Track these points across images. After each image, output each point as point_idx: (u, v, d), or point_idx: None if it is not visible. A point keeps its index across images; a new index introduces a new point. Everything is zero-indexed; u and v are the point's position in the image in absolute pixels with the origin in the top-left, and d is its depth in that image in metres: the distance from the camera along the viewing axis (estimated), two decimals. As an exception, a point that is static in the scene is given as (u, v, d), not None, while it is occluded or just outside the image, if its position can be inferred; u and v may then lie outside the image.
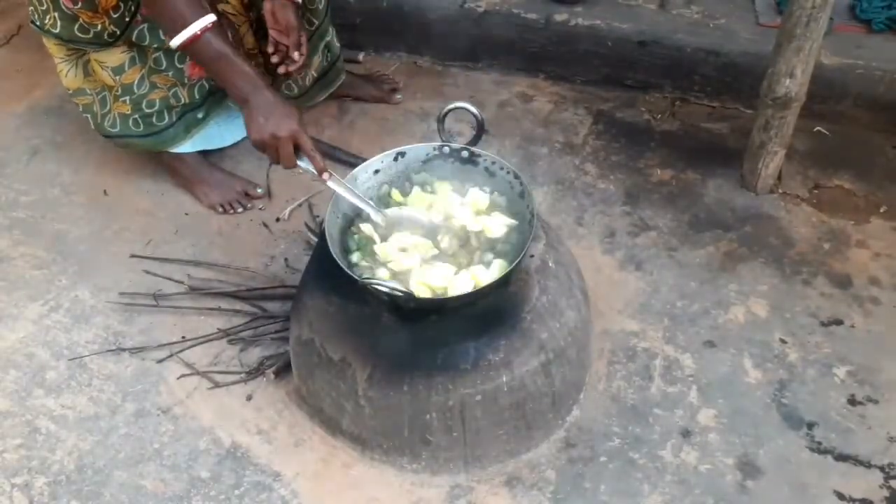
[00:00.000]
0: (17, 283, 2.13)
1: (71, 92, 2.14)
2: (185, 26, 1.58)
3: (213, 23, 1.61)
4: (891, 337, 1.91)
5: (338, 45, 2.40)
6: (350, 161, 2.33)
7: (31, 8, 1.94)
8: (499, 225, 1.66)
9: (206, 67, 1.65)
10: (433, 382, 1.58)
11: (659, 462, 1.72)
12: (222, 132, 2.34)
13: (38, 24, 1.95)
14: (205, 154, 2.32)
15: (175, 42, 1.60)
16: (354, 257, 1.64)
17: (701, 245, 2.13)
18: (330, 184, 1.62)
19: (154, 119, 2.13)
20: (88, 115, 2.17)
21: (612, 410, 1.80)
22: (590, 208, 2.25)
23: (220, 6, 1.99)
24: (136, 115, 2.11)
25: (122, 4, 1.86)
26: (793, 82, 2.01)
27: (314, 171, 1.63)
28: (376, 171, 1.76)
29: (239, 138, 2.40)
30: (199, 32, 1.58)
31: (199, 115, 2.20)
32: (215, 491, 1.71)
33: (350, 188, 1.65)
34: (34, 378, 1.93)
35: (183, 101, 2.13)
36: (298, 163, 1.63)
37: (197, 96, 2.15)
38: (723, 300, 2.00)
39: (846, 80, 2.36)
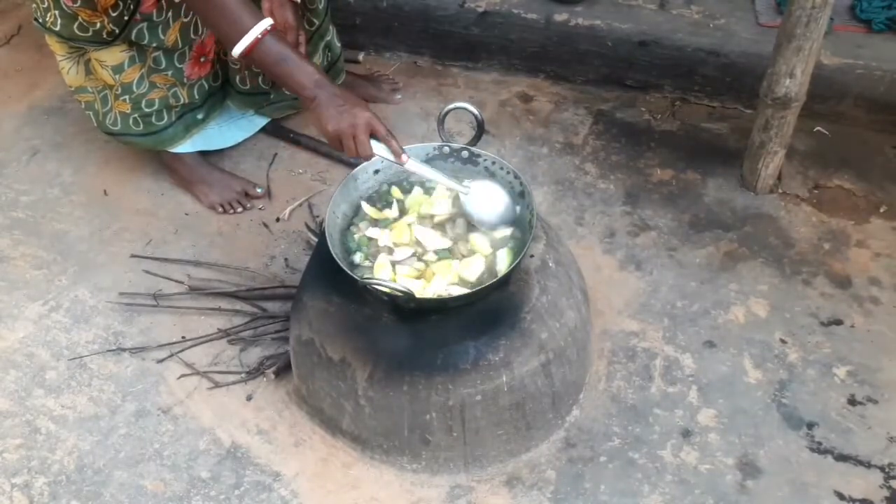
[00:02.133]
0: (17, 283, 2.13)
1: (73, 89, 2.14)
2: (244, 33, 1.57)
3: (272, 26, 1.60)
4: (891, 337, 1.91)
5: (338, 44, 2.40)
6: (350, 161, 2.33)
7: (34, 6, 1.95)
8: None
9: (269, 71, 1.64)
10: (433, 382, 1.58)
11: (659, 462, 1.72)
12: (222, 133, 2.34)
13: (39, 21, 1.96)
14: (204, 154, 2.32)
15: (237, 50, 1.59)
16: (355, 258, 1.64)
17: (701, 245, 2.13)
18: (408, 166, 1.62)
19: (153, 118, 2.13)
20: (91, 113, 2.17)
21: (612, 410, 1.80)
22: (590, 208, 2.25)
23: None
24: (136, 115, 2.11)
25: (120, 3, 1.86)
26: (793, 82, 2.01)
27: (391, 156, 1.62)
28: (376, 171, 1.76)
29: (239, 139, 2.40)
30: (259, 37, 1.58)
31: (199, 116, 2.20)
32: (215, 491, 1.71)
33: (430, 168, 1.64)
34: (34, 378, 1.93)
35: (182, 101, 2.13)
36: (375, 149, 1.62)
37: (196, 96, 2.15)
38: (723, 300, 2.00)
39: (846, 81, 2.35)
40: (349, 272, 1.55)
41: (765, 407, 1.80)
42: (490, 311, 1.61)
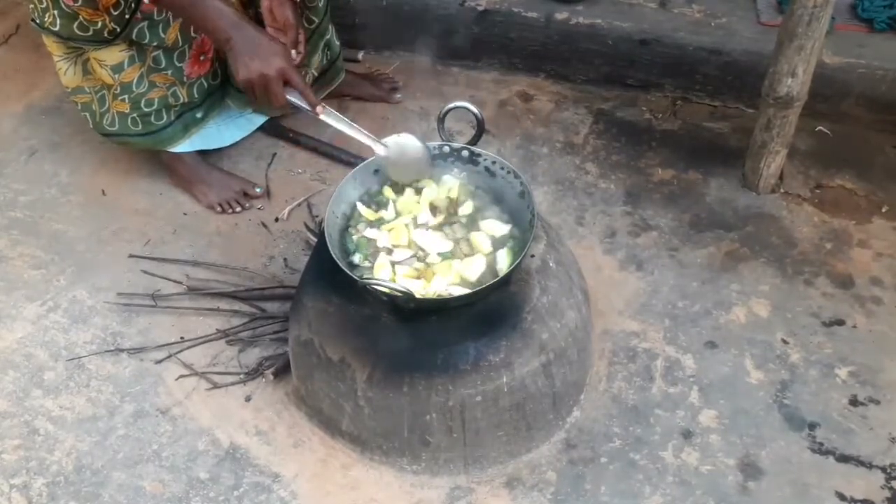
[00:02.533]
0: (15, 284, 2.13)
1: (70, 90, 2.13)
2: None
3: None
4: (893, 337, 1.91)
5: (338, 43, 2.39)
6: (350, 161, 2.32)
7: (31, 6, 1.94)
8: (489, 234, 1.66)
9: (183, 14, 1.60)
10: (433, 383, 1.57)
11: (660, 463, 1.71)
12: (221, 132, 2.33)
13: (37, 21, 1.95)
14: (203, 154, 2.31)
15: None
16: (354, 258, 1.64)
17: (702, 245, 2.13)
18: (323, 117, 1.58)
19: (152, 118, 2.12)
20: (87, 114, 2.16)
21: (613, 411, 1.80)
22: (590, 208, 2.24)
23: None
24: (135, 114, 2.10)
25: (122, 1, 1.85)
26: (794, 81, 2.01)
27: (307, 106, 1.58)
28: (376, 171, 1.75)
29: (238, 138, 2.39)
30: None
31: (198, 115, 2.19)
32: (214, 492, 1.71)
33: (346, 121, 1.60)
34: (32, 379, 1.92)
35: (182, 100, 2.12)
36: (289, 98, 1.57)
37: (196, 95, 2.14)
38: (724, 300, 2.00)
39: (848, 80, 2.35)
40: (348, 272, 1.54)
41: (766, 407, 1.79)
42: (490, 311, 1.60)
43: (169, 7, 1.61)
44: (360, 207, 1.71)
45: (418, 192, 1.73)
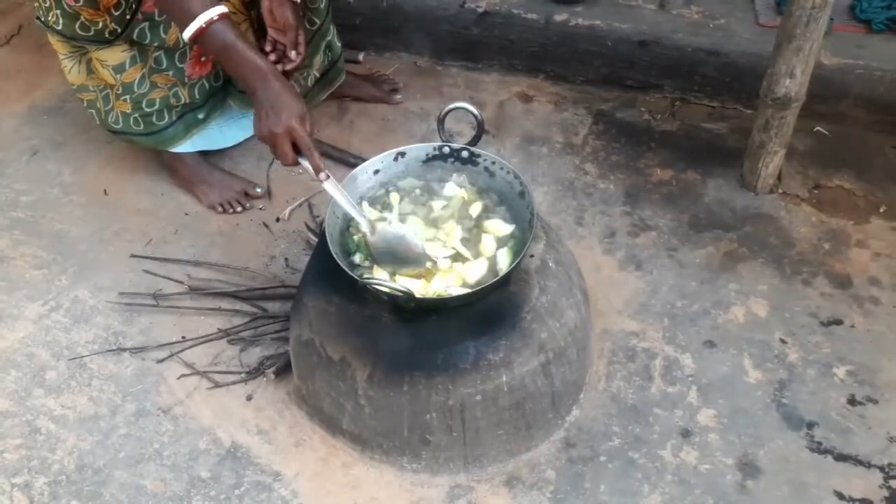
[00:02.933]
0: (17, 283, 2.13)
1: (75, 88, 2.14)
2: (193, 18, 1.59)
3: (222, 14, 1.61)
4: (891, 337, 1.91)
5: (339, 44, 2.40)
6: (350, 161, 2.33)
7: (36, 4, 1.95)
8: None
9: (217, 59, 1.66)
10: (433, 382, 1.58)
11: (659, 462, 1.72)
12: (223, 132, 2.34)
13: (42, 20, 1.96)
14: (204, 154, 2.32)
15: (186, 34, 1.61)
16: (355, 258, 1.64)
17: (701, 245, 2.13)
18: (325, 185, 1.61)
19: (154, 118, 2.13)
20: (93, 111, 2.17)
21: (612, 410, 1.80)
22: (590, 208, 2.25)
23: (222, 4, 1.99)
24: (137, 114, 2.11)
25: (122, 2, 1.86)
26: (793, 82, 2.01)
27: (312, 170, 1.61)
28: (376, 171, 1.76)
29: (240, 139, 2.40)
30: (205, 25, 1.59)
31: (200, 116, 2.20)
32: (215, 491, 1.71)
33: (345, 194, 1.62)
34: (34, 378, 1.93)
35: (183, 100, 2.13)
36: (300, 160, 1.61)
37: (197, 96, 2.15)
38: (723, 300, 2.00)
39: (846, 81, 2.35)
40: (349, 272, 1.55)
41: (764, 407, 1.80)
42: (490, 311, 1.61)
43: (207, 49, 1.65)
44: (366, 206, 1.72)
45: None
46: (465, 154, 1.75)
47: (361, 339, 1.62)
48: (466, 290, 1.55)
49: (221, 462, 1.76)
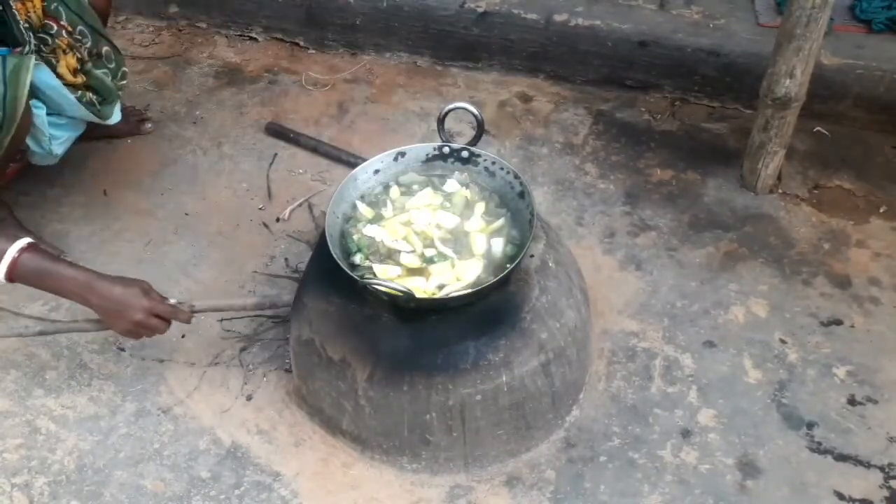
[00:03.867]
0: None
1: None
2: (1, 257, 1.60)
3: (28, 244, 1.63)
4: (890, 337, 1.91)
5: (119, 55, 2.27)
6: (350, 161, 2.33)
7: None
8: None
9: (40, 287, 1.67)
10: (433, 382, 1.58)
11: (659, 462, 1.72)
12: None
13: None
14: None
15: None
16: (355, 258, 1.64)
17: (701, 245, 2.14)
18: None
19: None
20: None
21: (612, 410, 1.80)
22: (590, 208, 2.25)
23: None
24: None
25: None
26: (792, 82, 2.01)
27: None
28: (376, 171, 1.76)
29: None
30: (16, 256, 1.61)
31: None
32: (215, 491, 1.71)
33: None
34: (34, 378, 1.93)
35: None
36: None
37: None
38: (723, 300, 2.00)
39: (846, 81, 2.36)
40: (349, 272, 1.55)
41: (764, 407, 1.80)
42: (490, 311, 1.61)
43: (26, 283, 1.67)
44: (361, 207, 1.72)
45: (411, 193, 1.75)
46: (465, 154, 1.75)
47: (361, 339, 1.62)
48: (466, 290, 1.55)
49: (221, 462, 1.76)
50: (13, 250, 1.61)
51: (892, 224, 2.16)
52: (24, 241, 1.63)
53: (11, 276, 1.62)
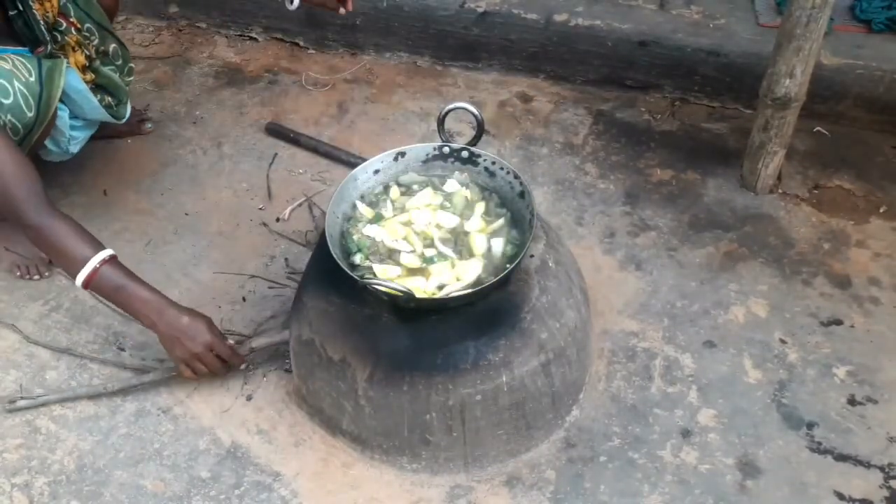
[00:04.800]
0: (17, 283, 2.13)
1: None
2: (82, 263, 1.65)
3: (110, 256, 1.67)
4: (890, 337, 1.91)
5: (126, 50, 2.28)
6: (350, 161, 2.33)
7: None
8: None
9: (110, 299, 1.71)
10: (433, 382, 1.58)
11: (659, 462, 1.72)
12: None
13: None
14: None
15: (77, 281, 1.65)
16: (355, 258, 1.64)
17: (701, 245, 2.14)
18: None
19: None
20: None
21: (612, 410, 1.80)
22: (590, 208, 2.25)
23: None
24: None
25: None
26: (792, 82, 2.02)
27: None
28: (376, 171, 1.76)
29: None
30: (97, 266, 1.65)
31: None
32: (215, 491, 1.71)
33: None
34: (35, 378, 1.93)
35: None
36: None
37: None
38: (723, 300, 2.00)
39: (846, 81, 2.36)
40: (349, 272, 1.55)
41: (764, 407, 1.80)
42: (490, 311, 1.61)
43: (98, 293, 1.71)
44: (361, 207, 1.72)
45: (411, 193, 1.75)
46: (465, 154, 1.75)
47: (361, 339, 1.62)
48: (466, 291, 1.55)
49: (221, 462, 1.76)
50: (96, 260, 1.65)
51: (892, 224, 2.16)
52: (107, 252, 1.68)
53: (89, 283, 1.66)
